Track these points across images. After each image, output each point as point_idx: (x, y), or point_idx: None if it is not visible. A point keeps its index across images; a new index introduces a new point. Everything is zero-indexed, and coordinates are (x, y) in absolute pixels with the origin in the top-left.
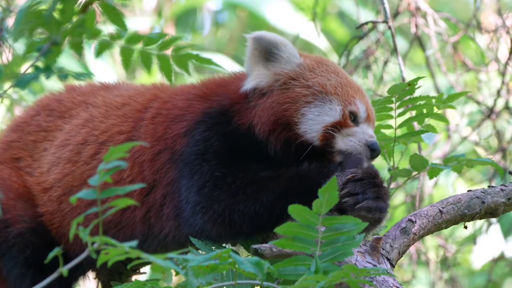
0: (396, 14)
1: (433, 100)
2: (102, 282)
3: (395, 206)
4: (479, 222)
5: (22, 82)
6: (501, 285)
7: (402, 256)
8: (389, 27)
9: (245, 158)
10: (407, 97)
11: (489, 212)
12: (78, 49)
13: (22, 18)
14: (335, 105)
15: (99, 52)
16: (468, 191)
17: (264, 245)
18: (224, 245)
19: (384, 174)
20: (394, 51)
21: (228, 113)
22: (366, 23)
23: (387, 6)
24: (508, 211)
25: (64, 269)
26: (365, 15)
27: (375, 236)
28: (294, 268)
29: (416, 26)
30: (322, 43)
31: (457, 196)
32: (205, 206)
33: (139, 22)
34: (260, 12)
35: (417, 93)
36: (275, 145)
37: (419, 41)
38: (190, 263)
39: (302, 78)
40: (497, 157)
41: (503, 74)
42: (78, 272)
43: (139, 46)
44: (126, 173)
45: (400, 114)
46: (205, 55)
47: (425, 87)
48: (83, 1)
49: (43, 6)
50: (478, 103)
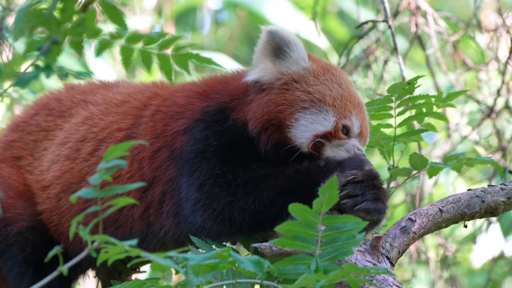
0: (396, 13)
1: (433, 99)
2: (102, 281)
3: (395, 205)
4: (479, 221)
5: (22, 81)
6: (501, 284)
7: (402, 255)
8: (389, 26)
9: (244, 156)
10: (407, 96)
11: (489, 211)
12: (78, 48)
13: (22, 17)
14: (330, 116)
15: (99, 51)
16: (468, 190)
17: (264, 244)
18: (224, 243)
19: (384, 173)
20: (394, 50)
21: (226, 111)
22: (366, 22)
23: (387, 5)
24: (508, 210)
25: (64, 268)
26: (365, 14)
27: (375, 235)
28: (294, 267)
29: (416, 25)
30: (322, 42)
31: (457, 195)
32: (205, 204)
33: (139, 21)
34: (260, 11)
35: (417, 92)
36: (266, 144)
37: (419, 40)
38: (190, 262)
39: (305, 82)
40: (497, 156)
41: (503, 73)
42: (78, 271)
43: (139, 45)
44: (125, 170)
45: (400, 113)
46: (205, 54)
47: (425, 86)
48: (83, 0)
49: (43, 5)
50: (478, 102)
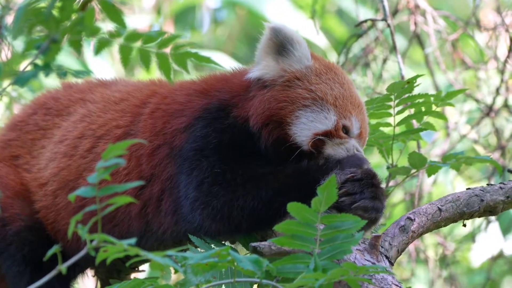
0: (395, 12)
1: (432, 98)
2: (100, 280)
3: (394, 204)
4: (478, 220)
5: (21, 79)
6: (500, 283)
7: (401, 254)
8: (388, 25)
9: (244, 154)
10: (406, 95)
11: (488, 210)
12: (77, 46)
13: (21, 15)
14: (331, 115)
15: (98, 50)
16: (467, 189)
17: (263, 243)
18: (223, 242)
19: (383, 172)
20: (393, 49)
21: (226, 108)
22: (365, 21)
23: (386, 4)
24: (507, 209)
25: (63, 267)
26: (364, 13)
27: (374, 234)
28: (293, 266)
29: (415, 24)
30: (321, 41)
31: (456, 194)
32: (204, 202)
33: (138, 20)
34: (259, 10)
35: (416, 91)
36: (266, 140)
37: (418, 39)
38: (189, 261)
39: (307, 80)
40: (496, 155)
41: (502, 72)
42: (76, 270)
43: (138, 44)
44: (122, 167)
45: (399, 112)
46: (204, 53)
47: (424, 85)
48: None
49: (42, 4)
50: (477, 101)
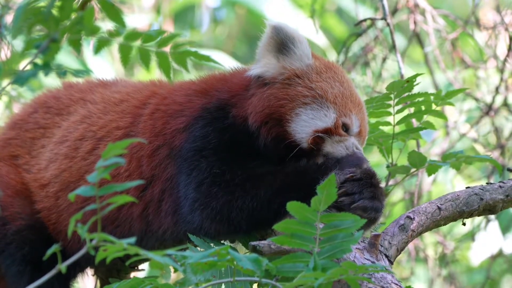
0: (394, 11)
1: (432, 97)
2: (100, 279)
3: (393, 203)
4: (478, 219)
5: (21, 79)
6: (500, 282)
7: (400, 253)
8: (388, 24)
9: (243, 154)
10: (406, 94)
11: (488, 209)
12: (76, 46)
13: (20, 15)
14: (331, 112)
15: (97, 49)
16: (466, 188)
17: (263, 242)
18: (222, 241)
19: (383, 171)
20: (393, 48)
21: (226, 107)
22: (365, 20)
23: (385, 3)
24: (506, 208)
25: (62, 266)
26: (363, 12)
27: (373, 233)
28: (292, 265)
29: (415, 23)
30: (320, 40)
31: (455, 193)
32: (203, 203)
33: (137, 19)
34: (259, 9)
35: (415, 90)
36: (266, 138)
37: (417, 38)
38: (188, 260)
39: (307, 78)
40: (495, 154)
41: (501, 71)
42: (76, 269)
43: (137, 43)
44: (123, 168)
45: (399, 111)
46: (204, 52)
47: (423, 84)
48: None
49: (42, 3)
50: (476, 100)
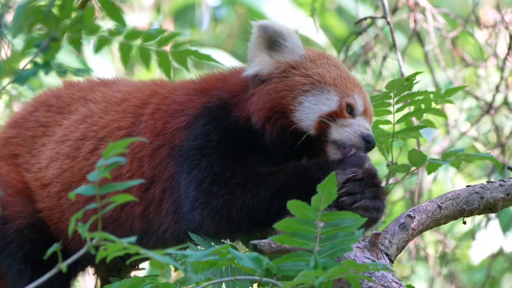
0: (394, 10)
1: (432, 95)
2: (101, 278)
3: (394, 201)
4: (478, 218)
5: (21, 78)
6: (500, 280)
7: (401, 251)
8: (388, 23)
9: (244, 153)
10: (406, 93)
11: (488, 208)
12: (77, 45)
13: (21, 14)
14: (333, 95)
15: (98, 48)
16: (467, 186)
17: (263, 240)
18: (223, 240)
19: (383, 170)
20: (393, 46)
21: (227, 107)
22: (365, 18)
23: (385, 1)
24: (507, 206)
25: (63, 265)
26: (363, 10)
27: (374, 231)
28: (293, 264)
29: (415, 21)
30: (320, 38)
31: (456, 192)
32: (203, 202)
33: (137, 18)
34: (259, 8)
35: (415, 89)
36: (271, 134)
37: (417, 36)
38: (189, 259)
39: (303, 67)
40: (495, 152)
41: (501, 69)
42: (77, 268)
43: (138, 42)
44: (125, 169)
45: (399, 110)
46: (204, 51)
47: (423, 83)
48: None
49: (42, 2)
50: (476, 98)
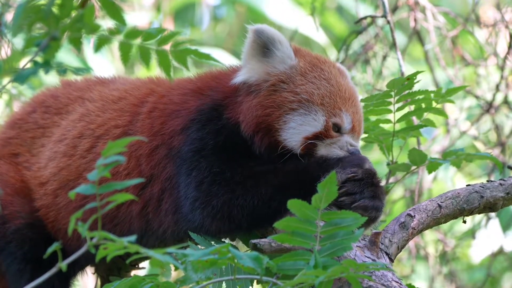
0: (395, 9)
1: (432, 95)
2: (101, 277)
3: (394, 200)
4: (478, 217)
5: (21, 77)
6: (500, 279)
7: (401, 250)
8: (388, 22)
9: (241, 153)
10: (406, 92)
11: (488, 207)
12: (77, 44)
13: (21, 13)
14: (320, 115)
15: (98, 47)
16: (467, 185)
17: (263, 240)
18: (223, 239)
19: (383, 169)
20: (393, 45)
21: (219, 108)
22: (365, 17)
23: (386, 0)
24: (507, 206)
25: (63, 264)
26: (364, 9)
27: (374, 231)
28: (293, 263)
29: (415, 20)
30: (320, 37)
31: (456, 191)
32: (204, 202)
33: (137, 17)
34: (259, 7)
35: (416, 88)
36: (259, 147)
37: (418, 35)
38: (189, 258)
39: (292, 82)
40: (496, 152)
41: (502, 68)
42: (76, 268)
43: (138, 41)
44: (122, 167)
45: (399, 109)
46: (204, 50)
47: (424, 82)
48: None
49: (42, 1)
50: (477, 97)
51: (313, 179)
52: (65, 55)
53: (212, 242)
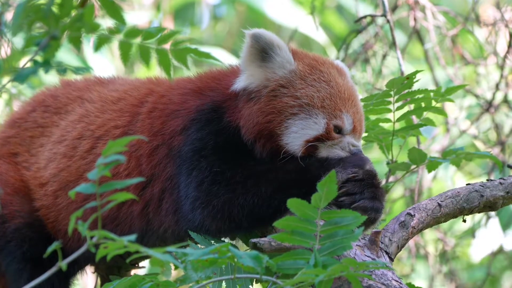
0: (394, 8)
1: (432, 94)
2: (101, 277)
3: (394, 199)
4: (478, 216)
5: (21, 76)
6: (500, 278)
7: (401, 249)
8: (388, 21)
9: (241, 153)
10: (406, 91)
11: (488, 206)
12: (76, 43)
13: (21, 12)
14: (320, 118)
15: (97, 46)
16: (467, 184)
17: (263, 239)
18: (223, 239)
19: (383, 168)
20: (393, 44)
21: (220, 110)
22: (365, 16)
23: None
24: (506, 205)
25: (63, 263)
26: (363, 8)
27: (374, 230)
28: (293, 262)
29: (415, 19)
30: (320, 37)
31: (456, 190)
32: (204, 202)
33: (137, 16)
34: (259, 6)
35: (415, 87)
36: (261, 152)
37: (417, 34)
38: (189, 257)
39: (292, 87)
40: (495, 151)
41: (501, 67)
42: (76, 267)
43: (137, 40)
44: (122, 167)
45: (399, 108)
46: (204, 49)
47: (423, 81)
48: None
49: (42, 0)
50: (476, 96)
51: (314, 178)
52: (65, 55)
53: (212, 242)
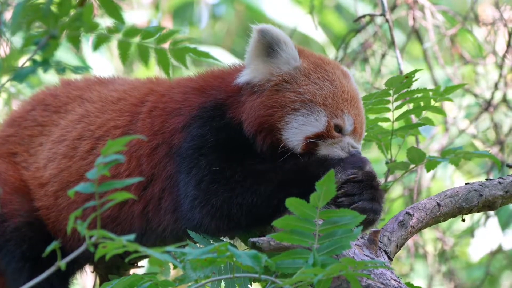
0: (393, 7)
1: (431, 93)
2: (100, 276)
3: (392, 199)
4: (477, 215)
5: (20, 75)
6: (499, 278)
7: (400, 249)
8: (387, 20)
9: (241, 152)
10: (405, 90)
11: (487, 205)
12: (75, 42)
13: (20, 11)
14: (321, 116)
15: (96, 46)
16: (466, 184)
17: (262, 238)
18: (222, 238)
19: (382, 167)
20: (392, 44)
21: (222, 107)
22: (364, 16)
23: None
24: (505, 204)
25: (62, 263)
26: (362, 8)
27: (373, 229)
28: (292, 261)
29: (414, 19)
30: (319, 36)
31: (454, 189)
32: (203, 200)
33: (136, 15)
34: (258, 5)
35: (414, 86)
36: (262, 146)
37: (416, 34)
38: (188, 256)
39: (295, 82)
40: (494, 150)
41: (500, 67)
42: (75, 266)
43: (136, 39)
44: (123, 167)
45: (398, 107)
46: (203, 48)
47: (422, 80)
48: None
49: (41, 0)
50: (475, 96)
51: (313, 178)
52: (64, 54)
53: (211, 241)
